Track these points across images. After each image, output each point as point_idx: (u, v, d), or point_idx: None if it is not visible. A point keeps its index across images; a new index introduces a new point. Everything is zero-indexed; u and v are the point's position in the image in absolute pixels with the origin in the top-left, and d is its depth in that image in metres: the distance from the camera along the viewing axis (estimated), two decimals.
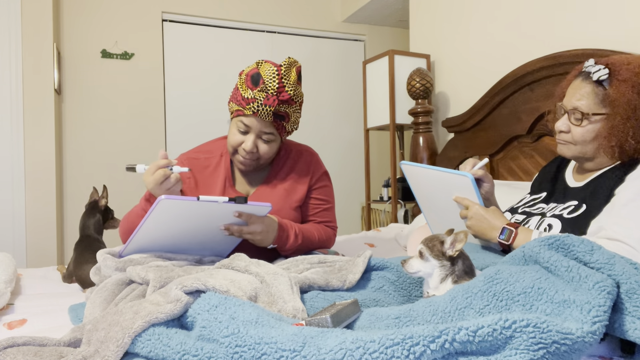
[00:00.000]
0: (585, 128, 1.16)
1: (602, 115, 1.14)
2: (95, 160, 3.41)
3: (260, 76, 1.32)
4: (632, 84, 1.10)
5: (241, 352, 0.68)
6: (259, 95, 1.31)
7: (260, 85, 1.31)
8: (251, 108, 1.32)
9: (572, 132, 1.18)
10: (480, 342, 0.62)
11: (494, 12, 2.43)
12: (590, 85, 1.16)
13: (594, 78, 1.14)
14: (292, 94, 1.34)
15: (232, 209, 1.17)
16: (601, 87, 1.14)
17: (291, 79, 1.34)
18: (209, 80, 3.74)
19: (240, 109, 1.35)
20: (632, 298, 0.73)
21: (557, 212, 1.17)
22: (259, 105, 1.31)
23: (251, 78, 1.34)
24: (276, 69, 1.32)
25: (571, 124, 1.18)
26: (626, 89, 1.10)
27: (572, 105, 1.18)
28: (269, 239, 1.28)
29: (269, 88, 1.31)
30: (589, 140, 1.16)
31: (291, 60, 1.36)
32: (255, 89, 1.32)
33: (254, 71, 1.34)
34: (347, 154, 4.20)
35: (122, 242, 1.35)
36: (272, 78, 1.31)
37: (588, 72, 1.17)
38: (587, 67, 1.18)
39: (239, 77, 1.39)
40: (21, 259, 2.97)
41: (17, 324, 1.08)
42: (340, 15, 4.15)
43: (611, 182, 1.12)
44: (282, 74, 1.32)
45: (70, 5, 3.34)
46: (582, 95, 1.16)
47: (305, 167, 1.51)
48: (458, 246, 0.92)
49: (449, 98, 2.76)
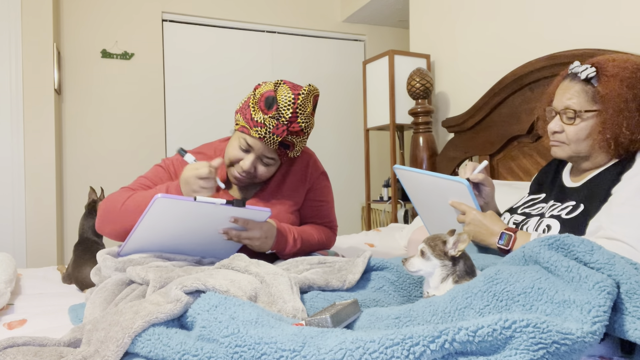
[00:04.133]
0: (579, 126, 1.17)
1: (593, 112, 1.15)
2: (95, 160, 3.41)
3: (276, 101, 1.26)
4: (620, 78, 1.12)
5: (241, 352, 0.68)
6: (270, 122, 1.26)
7: (273, 111, 1.26)
8: (258, 132, 1.27)
9: (565, 132, 1.19)
10: (480, 342, 0.62)
11: (494, 12, 2.43)
12: (579, 84, 1.17)
13: (582, 77, 1.16)
14: (303, 127, 1.29)
15: (230, 213, 1.15)
16: (590, 85, 1.16)
17: (307, 110, 1.29)
18: (209, 80, 3.74)
19: (247, 128, 1.30)
20: (632, 298, 0.73)
21: (556, 213, 1.17)
22: (267, 132, 1.26)
23: (265, 100, 1.27)
24: (293, 98, 1.26)
25: (564, 123, 1.19)
26: (615, 84, 1.12)
27: (563, 105, 1.19)
28: (267, 245, 1.26)
29: (282, 116, 1.26)
30: (582, 138, 1.17)
31: (311, 89, 1.31)
32: (267, 113, 1.26)
33: (269, 93, 1.28)
34: (347, 154, 4.20)
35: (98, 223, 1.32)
36: (287, 106, 1.26)
37: (575, 73, 1.19)
38: (573, 69, 1.20)
39: (253, 91, 1.33)
40: (21, 259, 2.97)
41: (17, 324, 1.08)
42: (340, 15, 4.15)
43: (608, 181, 1.13)
44: (298, 104, 1.27)
45: (70, 5, 3.34)
46: (572, 95, 1.18)
47: (302, 169, 1.48)
48: (461, 246, 0.91)
49: (449, 98, 2.76)
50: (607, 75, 1.14)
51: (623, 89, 1.11)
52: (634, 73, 1.13)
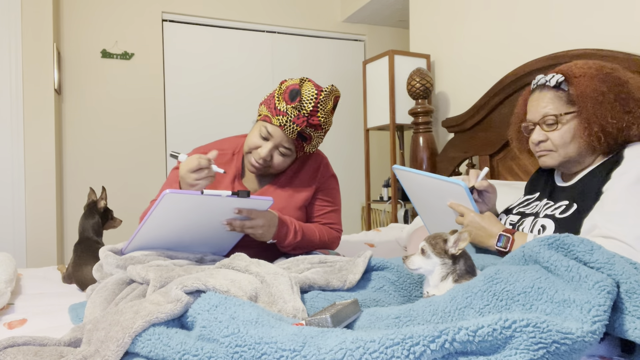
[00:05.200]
0: (562, 130, 1.18)
1: (572, 113, 1.17)
2: (95, 160, 3.41)
3: (300, 94, 1.34)
4: (589, 76, 1.15)
5: (241, 352, 0.68)
6: (292, 111, 1.33)
7: (296, 102, 1.33)
8: (279, 120, 1.34)
9: (550, 139, 1.20)
10: (480, 342, 0.62)
11: (494, 12, 2.43)
12: (550, 92, 1.20)
13: (552, 84, 1.19)
14: (322, 121, 1.37)
15: (235, 204, 1.17)
16: (561, 90, 1.18)
17: (327, 106, 1.38)
18: (209, 80, 3.74)
19: (269, 116, 1.36)
20: (632, 298, 0.73)
21: (550, 212, 1.18)
22: (288, 120, 1.33)
23: (290, 92, 1.35)
24: (316, 93, 1.35)
25: (546, 132, 1.20)
26: (586, 81, 1.15)
27: (540, 114, 1.20)
28: (269, 234, 1.28)
29: (303, 108, 1.34)
30: (569, 141, 1.18)
31: (333, 89, 1.39)
32: (290, 103, 1.34)
33: (294, 86, 1.36)
34: (347, 154, 4.20)
35: None
36: (310, 100, 1.34)
37: (543, 84, 1.21)
38: (539, 81, 1.23)
39: (279, 85, 1.41)
40: (21, 259, 2.97)
41: (17, 324, 1.08)
42: (340, 15, 4.15)
43: (598, 180, 1.13)
44: (320, 99, 1.35)
45: (70, 5, 3.34)
46: (546, 103, 1.19)
47: (313, 169, 1.52)
48: (461, 245, 0.92)
49: (449, 98, 2.76)
50: (576, 76, 1.16)
51: (596, 84, 1.14)
52: (599, 70, 1.16)
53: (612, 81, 1.15)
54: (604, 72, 1.16)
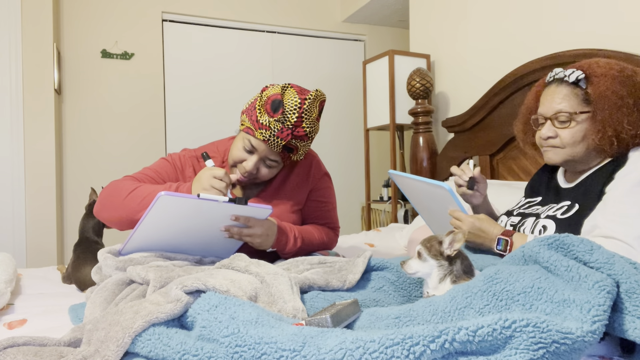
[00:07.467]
0: (574, 129, 1.15)
1: (587, 113, 1.14)
2: (96, 160, 3.41)
3: (282, 105, 1.27)
4: (611, 77, 1.12)
5: (241, 352, 0.68)
6: (275, 125, 1.26)
7: (279, 115, 1.26)
8: (263, 134, 1.28)
9: (560, 136, 1.17)
10: (480, 341, 0.62)
11: (493, 12, 2.43)
12: (567, 87, 1.16)
13: (571, 80, 1.15)
14: (307, 131, 1.30)
15: (232, 210, 1.16)
16: (579, 88, 1.15)
17: (312, 115, 1.30)
18: (209, 80, 3.74)
19: (252, 129, 1.30)
20: (632, 297, 0.73)
21: (551, 213, 1.17)
22: (272, 135, 1.27)
23: (272, 103, 1.28)
24: (299, 102, 1.27)
25: (557, 128, 1.17)
26: (607, 82, 1.11)
27: (553, 110, 1.17)
28: (268, 242, 1.26)
29: (287, 120, 1.26)
30: (579, 141, 1.16)
31: (318, 94, 1.31)
32: (273, 116, 1.27)
33: (276, 96, 1.29)
34: (347, 154, 4.20)
35: (98, 207, 1.32)
36: (293, 110, 1.26)
37: (561, 78, 1.18)
38: (557, 74, 1.19)
39: (260, 93, 1.33)
40: (21, 259, 2.97)
41: (17, 324, 1.08)
42: (340, 15, 4.15)
43: (601, 180, 1.13)
44: (304, 108, 1.27)
45: (70, 5, 3.34)
46: (562, 99, 1.16)
47: (306, 169, 1.49)
48: (456, 246, 0.92)
49: (449, 98, 2.76)
50: (597, 75, 1.13)
51: (616, 86, 1.11)
52: (621, 72, 1.13)
53: (633, 85, 1.12)
54: (626, 74, 1.13)
